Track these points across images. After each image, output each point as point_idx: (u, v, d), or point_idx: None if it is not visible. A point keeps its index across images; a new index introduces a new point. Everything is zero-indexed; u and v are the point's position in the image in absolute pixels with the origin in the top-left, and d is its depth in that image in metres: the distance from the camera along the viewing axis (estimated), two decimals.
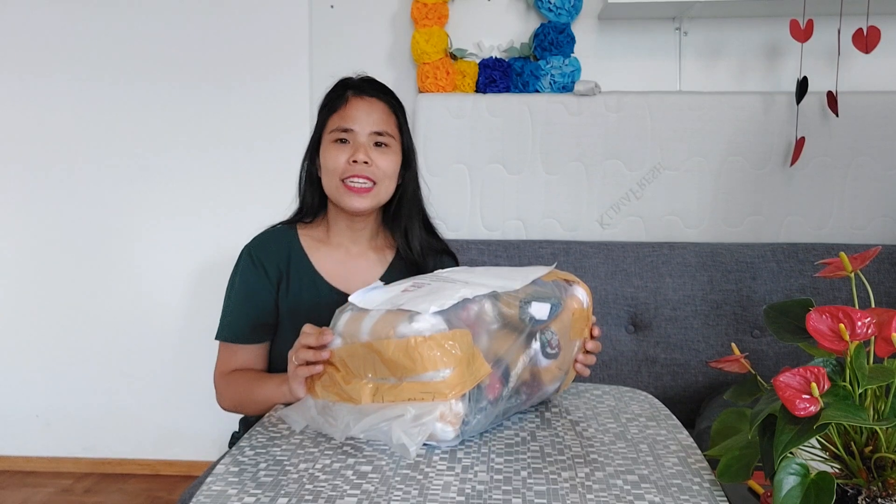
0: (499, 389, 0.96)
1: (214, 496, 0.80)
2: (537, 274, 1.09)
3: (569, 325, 1.08)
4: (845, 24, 2.02)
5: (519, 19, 2.28)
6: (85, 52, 2.40)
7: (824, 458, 0.75)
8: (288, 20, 2.33)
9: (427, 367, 0.89)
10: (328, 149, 1.33)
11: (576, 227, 2.20)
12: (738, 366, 0.86)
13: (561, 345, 1.06)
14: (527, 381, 1.01)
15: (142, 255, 2.46)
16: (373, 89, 1.37)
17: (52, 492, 2.40)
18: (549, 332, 1.04)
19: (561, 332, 1.06)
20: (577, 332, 1.11)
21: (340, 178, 1.31)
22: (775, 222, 2.17)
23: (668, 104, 2.15)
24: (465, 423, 0.92)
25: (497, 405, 0.97)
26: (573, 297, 1.10)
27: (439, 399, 0.89)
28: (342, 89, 1.38)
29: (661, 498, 0.79)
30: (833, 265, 0.79)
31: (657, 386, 1.97)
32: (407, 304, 0.94)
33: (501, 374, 0.97)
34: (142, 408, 2.51)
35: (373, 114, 1.34)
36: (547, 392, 1.08)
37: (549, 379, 1.06)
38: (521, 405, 1.03)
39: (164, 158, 2.42)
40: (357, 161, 1.30)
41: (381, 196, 1.35)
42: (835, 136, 2.12)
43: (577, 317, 1.10)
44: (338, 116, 1.34)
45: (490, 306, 0.98)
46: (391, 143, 1.35)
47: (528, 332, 1.01)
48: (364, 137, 1.32)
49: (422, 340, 0.89)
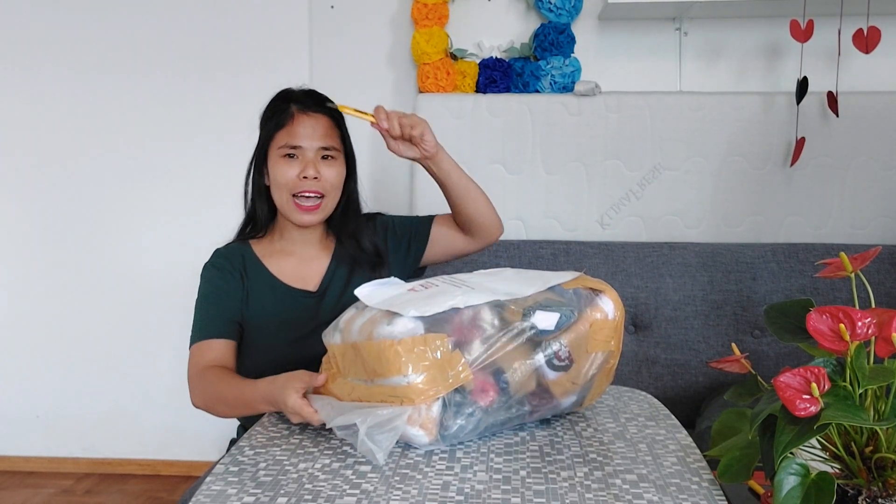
0: (493, 397, 0.94)
1: (214, 496, 0.80)
2: (560, 280, 1.04)
3: (586, 337, 1.01)
4: (845, 24, 2.02)
5: (519, 19, 2.28)
6: (86, 51, 2.40)
7: (824, 459, 0.75)
8: (288, 20, 2.33)
9: (394, 372, 0.89)
10: (277, 164, 1.38)
11: (576, 227, 2.20)
12: (739, 366, 0.86)
13: (573, 357, 1.00)
14: (533, 391, 0.97)
15: (142, 254, 2.46)
16: (316, 104, 1.41)
17: (53, 492, 2.40)
18: (557, 343, 0.99)
19: (574, 343, 1.00)
20: (597, 344, 1.03)
21: (291, 193, 1.37)
22: (775, 222, 2.17)
23: (668, 104, 2.15)
24: (446, 429, 0.91)
25: (493, 413, 0.94)
26: (596, 307, 1.03)
27: (407, 404, 0.88)
28: (285, 103, 1.41)
29: (660, 497, 0.79)
30: (833, 265, 0.79)
31: (657, 386, 1.97)
32: (398, 305, 0.94)
33: (497, 382, 0.94)
34: (142, 408, 2.51)
35: (318, 129, 1.38)
36: (562, 406, 1.03)
37: (560, 392, 1.00)
38: (527, 416, 0.99)
39: (165, 158, 2.42)
40: (307, 177, 1.35)
41: (329, 208, 1.41)
42: (835, 136, 2.12)
43: (597, 328, 1.03)
44: (285, 133, 1.38)
45: (488, 313, 0.95)
46: (336, 155, 1.40)
47: (530, 342, 0.96)
48: (312, 153, 1.37)
49: (390, 344, 0.89)
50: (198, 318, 1.38)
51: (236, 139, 2.39)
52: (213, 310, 1.37)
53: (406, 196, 2.35)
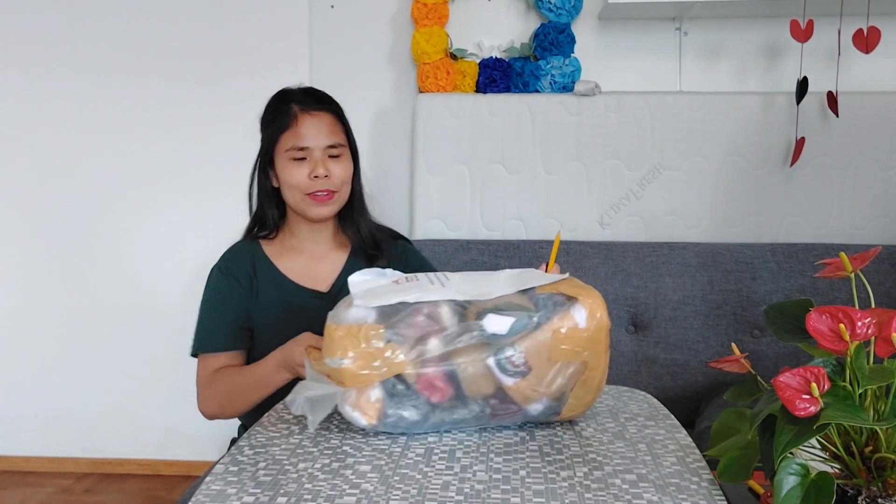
0: (446, 393, 0.96)
1: (214, 496, 0.80)
2: (537, 283, 1.01)
3: (547, 346, 0.96)
4: (845, 24, 2.02)
5: (519, 19, 2.28)
6: (86, 53, 2.40)
7: (824, 459, 0.75)
8: (288, 20, 2.33)
9: (332, 353, 0.94)
10: (287, 166, 1.38)
11: (576, 227, 2.20)
12: (738, 366, 0.86)
13: (530, 365, 0.96)
14: (492, 394, 0.97)
15: (141, 254, 2.46)
16: (317, 102, 1.42)
17: (52, 492, 2.40)
18: (511, 348, 0.95)
19: (533, 350, 0.96)
20: (562, 354, 0.97)
21: (304, 193, 1.38)
22: (775, 222, 2.17)
23: (668, 104, 2.15)
24: (387, 416, 0.95)
25: (448, 411, 0.97)
26: (565, 315, 0.97)
27: (339, 386, 0.94)
28: (285, 104, 1.41)
29: (660, 497, 0.79)
30: (833, 265, 0.79)
31: (657, 386, 1.97)
32: (363, 294, 0.99)
33: (449, 380, 0.96)
34: (142, 407, 2.51)
35: (323, 127, 1.39)
36: (530, 413, 1.00)
37: (521, 398, 0.97)
38: (489, 418, 0.99)
39: (164, 158, 2.42)
40: (318, 176, 1.37)
41: (342, 200, 1.43)
42: (835, 136, 2.12)
43: (564, 338, 0.96)
44: (291, 135, 1.38)
45: (447, 311, 0.97)
46: (343, 151, 1.42)
47: (483, 344, 0.95)
48: (319, 152, 1.38)
49: (334, 328, 0.96)
50: (203, 326, 1.39)
51: (237, 140, 2.39)
52: (219, 320, 1.38)
53: (406, 197, 2.35)
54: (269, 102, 1.45)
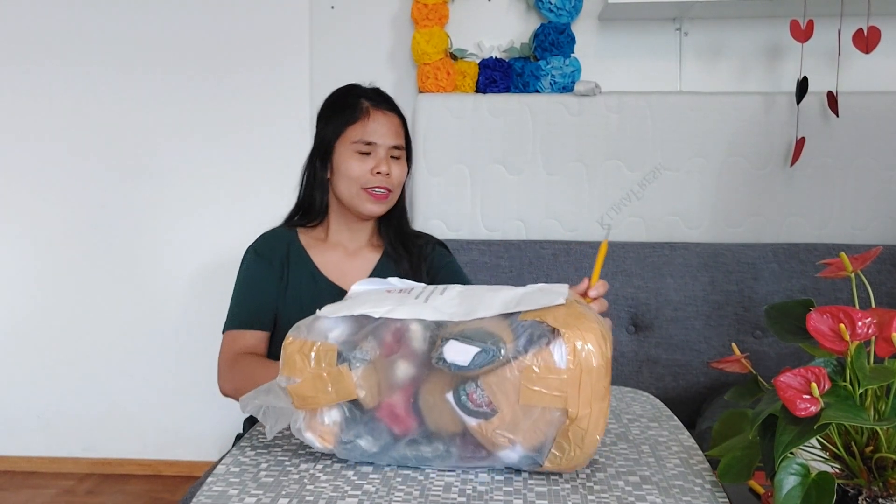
0: (410, 426, 0.84)
1: (215, 496, 0.80)
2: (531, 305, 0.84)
3: (515, 385, 0.79)
4: (845, 24, 2.02)
5: (519, 19, 2.28)
6: (87, 52, 2.40)
7: (825, 459, 0.75)
8: (288, 20, 2.34)
9: (282, 369, 0.86)
10: (350, 158, 1.40)
11: (576, 227, 2.20)
12: (740, 366, 0.86)
13: (494, 406, 0.80)
14: (459, 433, 0.83)
15: (143, 254, 2.46)
16: (387, 103, 1.46)
17: (54, 493, 2.40)
18: (472, 384, 0.81)
19: (499, 389, 0.80)
20: (532, 396, 0.79)
21: (362, 187, 1.40)
22: (776, 223, 2.17)
23: (668, 104, 2.15)
24: (346, 443, 0.86)
25: (412, 446, 0.85)
26: (541, 351, 0.79)
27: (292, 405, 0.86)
28: (355, 98, 1.43)
29: (663, 499, 0.79)
30: (834, 265, 0.79)
31: (658, 386, 1.97)
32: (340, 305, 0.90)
33: (413, 411, 0.84)
34: (143, 408, 2.52)
35: (392, 127, 1.43)
36: (504, 461, 0.84)
37: (488, 443, 0.82)
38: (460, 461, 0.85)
39: (165, 158, 2.42)
40: (381, 172, 1.40)
41: (393, 202, 1.45)
42: (835, 136, 2.12)
43: (537, 378, 0.79)
44: (359, 128, 1.41)
45: (419, 332, 0.84)
46: (402, 155, 1.46)
47: (449, 375, 0.82)
48: (384, 151, 1.41)
49: (290, 341, 0.87)
50: (234, 304, 1.41)
51: (237, 140, 2.40)
52: (249, 299, 1.40)
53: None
54: (336, 94, 1.47)
